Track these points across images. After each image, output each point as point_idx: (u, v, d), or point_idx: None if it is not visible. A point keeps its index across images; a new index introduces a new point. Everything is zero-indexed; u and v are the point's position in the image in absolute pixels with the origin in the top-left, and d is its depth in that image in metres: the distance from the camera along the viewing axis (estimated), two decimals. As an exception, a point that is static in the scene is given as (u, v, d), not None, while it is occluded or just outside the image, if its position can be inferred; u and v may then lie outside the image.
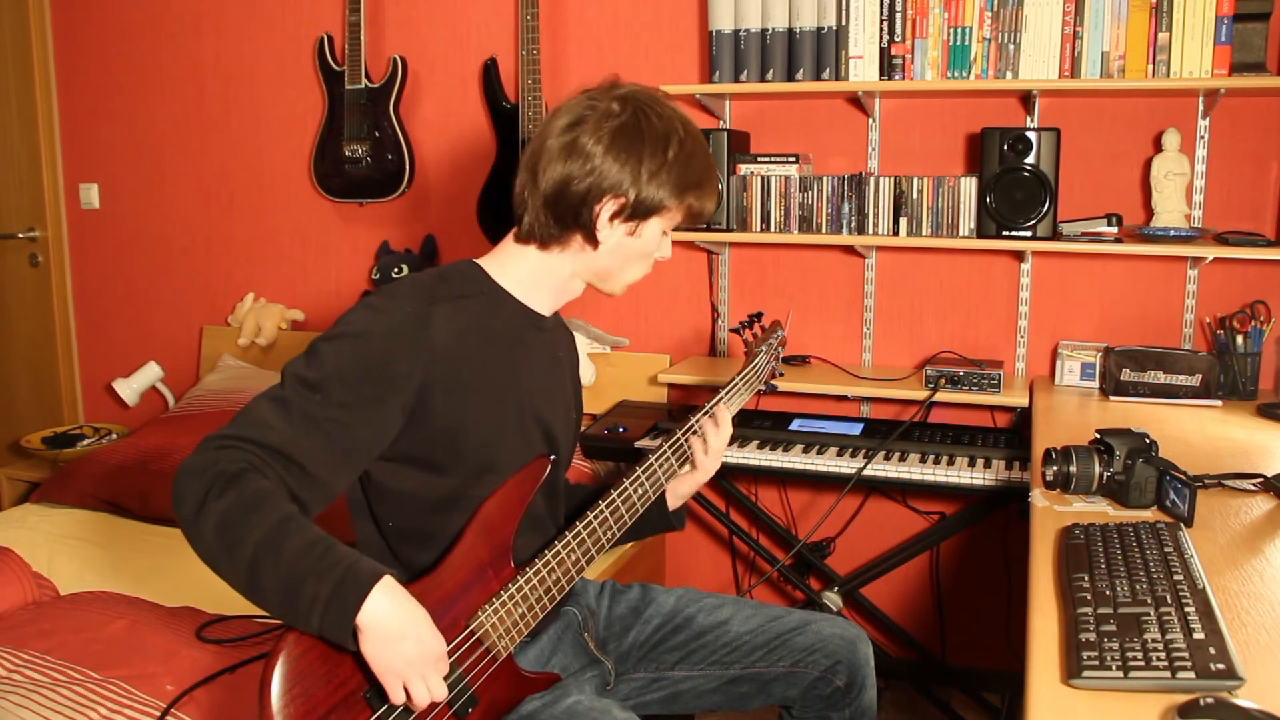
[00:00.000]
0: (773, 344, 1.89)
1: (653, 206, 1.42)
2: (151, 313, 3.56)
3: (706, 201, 1.47)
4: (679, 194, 1.43)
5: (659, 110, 1.42)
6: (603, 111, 1.40)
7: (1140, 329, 2.56)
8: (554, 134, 1.40)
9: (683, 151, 1.42)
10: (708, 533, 3.03)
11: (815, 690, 1.62)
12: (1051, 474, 1.57)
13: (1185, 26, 2.28)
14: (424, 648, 1.22)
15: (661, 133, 1.41)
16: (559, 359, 1.56)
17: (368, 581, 1.18)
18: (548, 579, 1.41)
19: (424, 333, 1.32)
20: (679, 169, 1.41)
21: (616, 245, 1.44)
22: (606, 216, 1.41)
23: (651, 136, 1.40)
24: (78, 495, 2.67)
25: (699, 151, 1.45)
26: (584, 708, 1.40)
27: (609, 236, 1.43)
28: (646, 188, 1.40)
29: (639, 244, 1.45)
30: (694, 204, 1.45)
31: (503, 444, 1.41)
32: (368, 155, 3.04)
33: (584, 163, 1.38)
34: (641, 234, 1.44)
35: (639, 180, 1.39)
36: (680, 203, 1.43)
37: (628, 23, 2.88)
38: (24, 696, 1.70)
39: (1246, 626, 1.14)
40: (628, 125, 1.39)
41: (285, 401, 1.26)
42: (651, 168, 1.40)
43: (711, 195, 1.48)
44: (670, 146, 1.41)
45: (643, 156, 1.39)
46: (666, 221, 1.46)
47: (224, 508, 1.18)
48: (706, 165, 1.46)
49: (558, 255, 1.45)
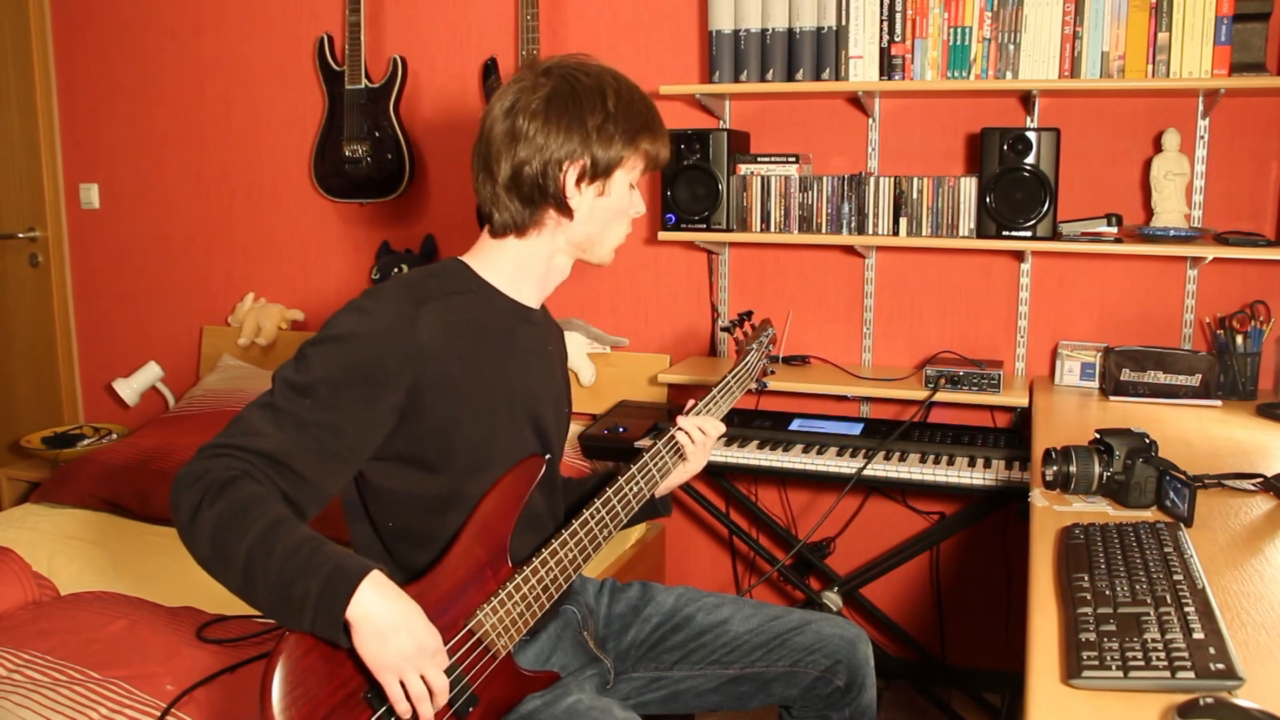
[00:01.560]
0: (763, 342, 1.89)
1: (611, 160, 1.43)
2: (151, 313, 3.56)
3: (660, 145, 1.48)
4: (631, 141, 1.43)
5: (585, 70, 1.43)
6: (530, 87, 1.41)
7: (1140, 329, 2.56)
8: (496, 124, 1.42)
9: (620, 100, 1.43)
10: (708, 533, 3.03)
11: (815, 690, 1.62)
12: (1051, 474, 1.57)
13: (1185, 26, 2.28)
14: (418, 640, 1.22)
15: (594, 88, 1.42)
16: (549, 352, 1.56)
17: (355, 576, 1.19)
18: (545, 577, 1.41)
19: (412, 333, 1.32)
20: (623, 118, 1.42)
21: (590, 209, 1.45)
22: (573, 183, 1.42)
23: (586, 95, 1.41)
24: (78, 495, 2.67)
25: (637, 97, 1.46)
26: (584, 707, 1.40)
27: (581, 202, 1.44)
28: (598, 145, 1.41)
29: (611, 202, 1.46)
30: (649, 148, 1.46)
31: (495, 440, 1.41)
32: (368, 155, 3.04)
33: (528, 144, 1.39)
34: (610, 191, 1.45)
35: (589, 140, 1.40)
36: (635, 149, 1.44)
37: (628, 23, 2.88)
38: (24, 696, 1.70)
39: (1246, 626, 1.14)
40: (559, 92, 1.40)
41: (275, 407, 1.27)
42: (596, 123, 1.40)
43: (663, 136, 1.48)
44: (607, 99, 1.42)
45: (584, 116, 1.40)
46: (630, 173, 1.46)
47: (217, 514, 1.19)
48: (649, 109, 1.47)
49: (536, 238, 1.46)
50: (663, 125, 1.49)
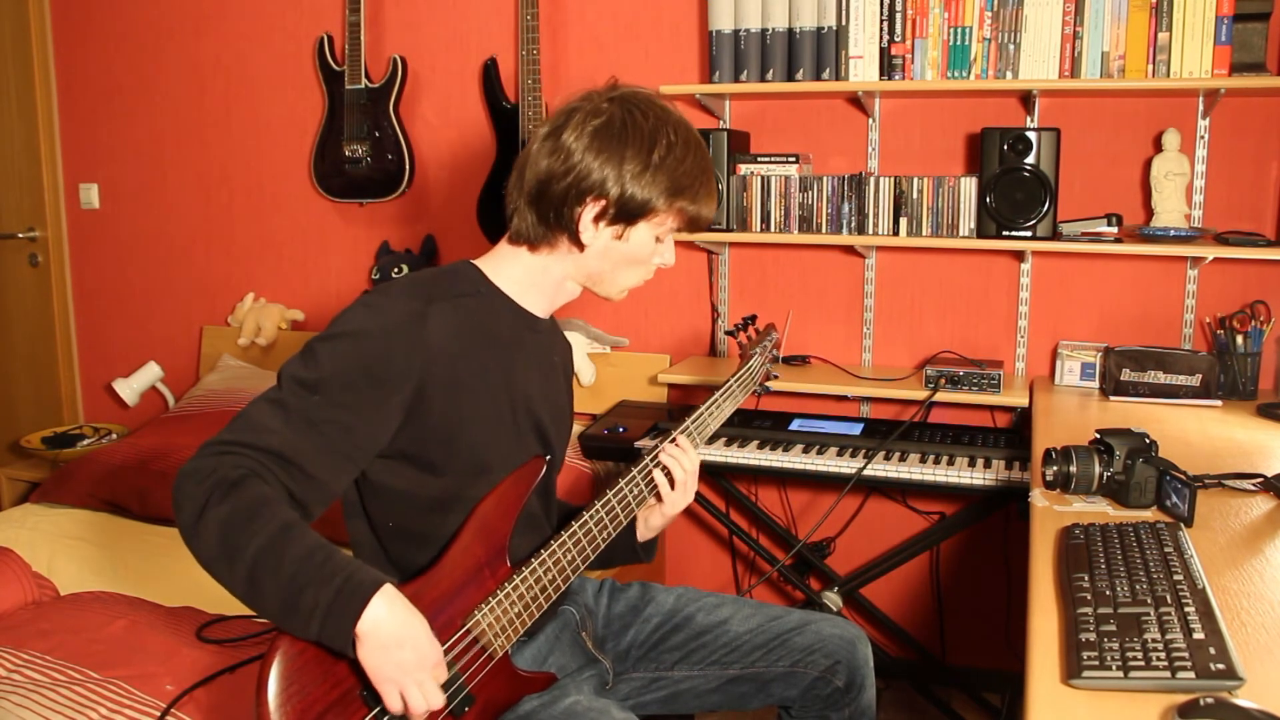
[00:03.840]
0: (766, 346, 1.89)
1: (638, 209, 1.37)
2: (151, 313, 3.56)
3: (702, 206, 1.41)
4: (667, 197, 1.37)
5: (650, 110, 1.38)
6: (590, 110, 1.37)
7: (1140, 329, 2.56)
8: (541, 134, 1.39)
9: (672, 153, 1.37)
10: (708, 533, 3.03)
11: (815, 690, 1.62)
12: (1051, 474, 1.57)
13: (1185, 26, 2.28)
14: (421, 655, 1.22)
15: (648, 132, 1.36)
16: (554, 362, 1.56)
17: (369, 589, 1.18)
18: (543, 578, 1.41)
19: (421, 331, 1.32)
20: (668, 171, 1.36)
21: (604, 249, 1.41)
22: (589, 218, 1.38)
23: (636, 136, 1.35)
24: (78, 495, 2.67)
25: (693, 153, 1.39)
26: (582, 708, 1.40)
27: (594, 239, 1.39)
28: (630, 189, 1.35)
29: (628, 249, 1.41)
30: (687, 208, 1.40)
31: (498, 444, 1.41)
32: (368, 155, 3.04)
33: (563, 160, 1.35)
34: (629, 239, 1.40)
35: (622, 180, 1.35)
36: (670, 206, 1.38)
37: (628, 23, 2.88)
38: (24, 696, 1.70)
39: (1246, 626, 1.14)
40: (612, 123, 1.36)
41: (283, 404, 1.26)
42: (635, 168, 1.35)
43: (708, 200, 1.42)
44: (657, 147, 1.36)
45: (625, 156, 1.35)
46: (658, 227, 1.41)
47: (224, 515, 1.18)
48: (701, 168, 1.40)
49: (547, 257, 1.43)
50: (713, 188, 1.42)
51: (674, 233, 1.44)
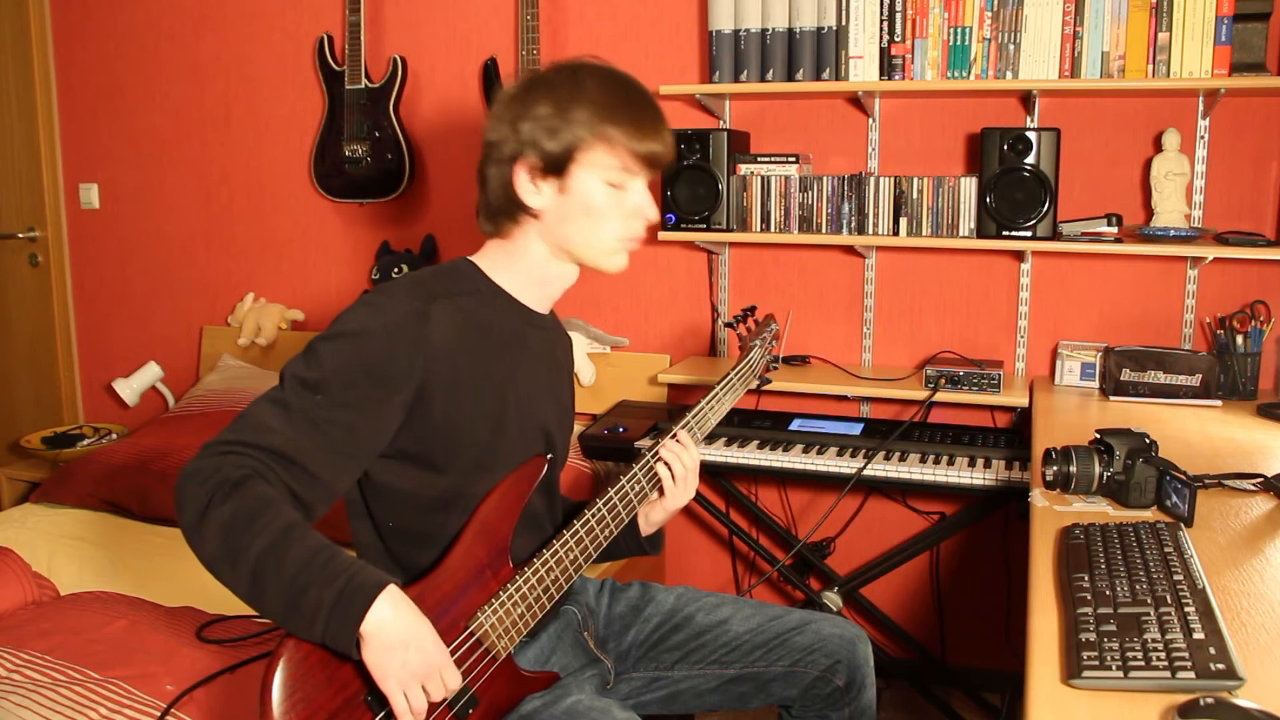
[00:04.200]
0: (766, 338, 1.87)
1: (564, 152, 1.34)
2: (151, 313, 3.56)
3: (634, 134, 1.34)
4: (589, 131, 1.33)
5: (567, 65, 1.37)
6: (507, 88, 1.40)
7: (1140, 329, 2.56)
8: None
9: (583, 91, 1.34)
10: (708, 533, 3.03)
11: (815, 690, 1.62)
12: (1051, 474, 1.57)
13: (1185, 26, 2.28)
14: (426, 657, 1.22)
15: (558, 81, 1.35)
16: (556, 359, 1.56)
17: (372, 590, 1.18)
18: (546, 578, 1.41)
19: (423, 329, 1.32)
20: (586, 105, 1.33)
21: (555, 207, 1.38)
22: (525, 181, 1.37)
23: (545, 87, 1.35)
24: (78, 495, 2.67)
25: (612, 86, 1.35)
26: (584, 707, 1.40)
27: (541, 200, 1.38)
28: (545, 136, 1.34)
29: (577, 200, 1.37)
30: (617, 136, 1.34)
31: (500, 442, 1.41)
32: (368, 155, 3.04)
33: (487, 138, 1.38)
34: (572, 189, 1.37)
35: (538, 132, 1.34)
36: (596, 140, 1.34)
37: (628, 23, 2.88)
38: (24, 696, 1.70)
39: (1246, 626, 1.14)
40: (520, 88, 1.37)
41: (285, 403, 1.26)
42: (546, 113, 1.34)
43: (641, 128, 1.35)
44: (567, 86, 1.34)
45: (537, 108, 1.34)
46: (600, 169, 1.36)
47: (227, 515, 1.18)
48: (625, 98, 1.35)
49: (517, 240, 1.43)
50: (646, 115, 1.36)
51: (629, 174, 1.38)
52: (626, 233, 1.43)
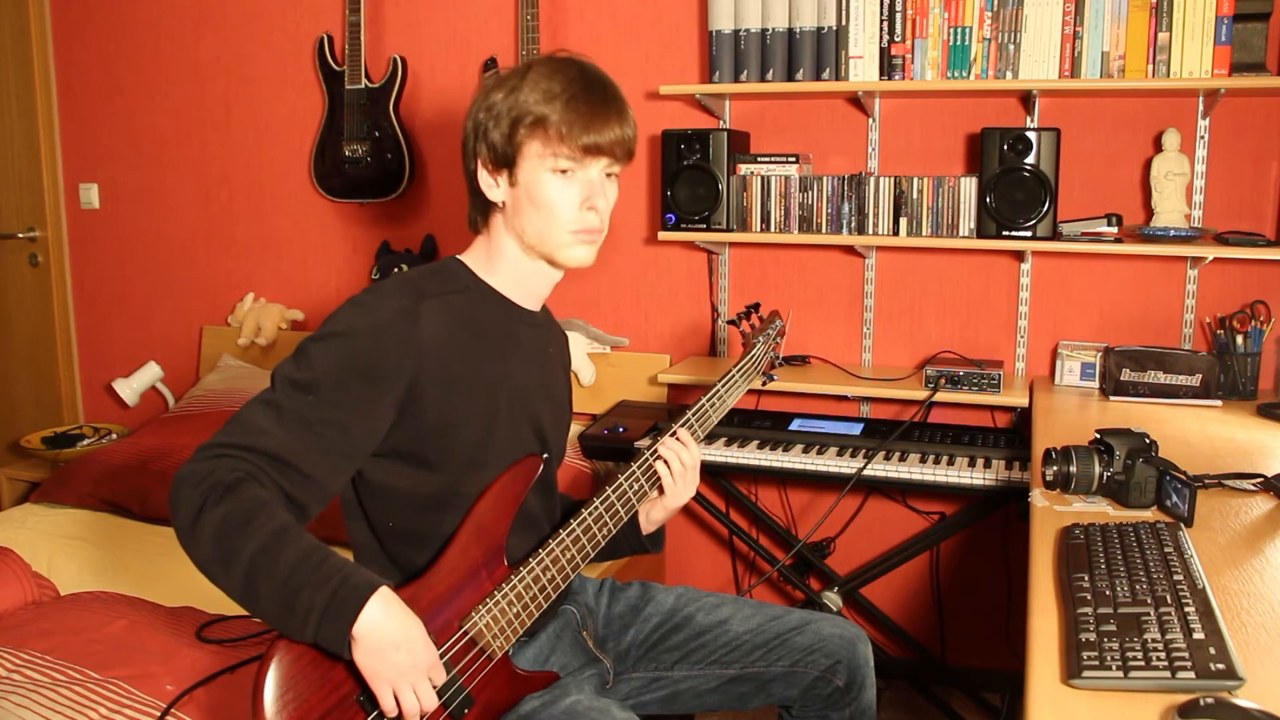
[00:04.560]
0: (770, 334, 1.86)
1: (506, 142, 1.36)
2: (151, 313, 3.56)
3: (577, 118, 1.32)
4: (527, 118, 1.33)
5: (522, 64, 1.40)
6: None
7: (1140, 329, 2.56)
8: None
9: (526, 80, 1.35)
10: (708, 533, 3.03)
11: (815, 690, 1.61)
12: (1051, 474, 1.57)
13: (1185, 26, 2.28)
14: (416, 658, 1.23)
15: (511, 72, 1.38)
16: (550, 354, 1.56)
17: (364, 592, 1.19)
18: (542, 578, 1.41)
19: (413, 328, 1.32)
20: (522, 94, 1.34)
21: (512, 201, 1.40)
22: (483, 175, 1.41)
23: (497, 83, 1.38)
24: (78, 495, 2.67)
25: (555, 72, 1.34)
26: (583, 707, 1.39)
27: (499, 194, 1.41)
28: (495, 126, 1.37)
29: (526, 192, 1.37)
30: (551, 121, 1.32)
31: (493, 440, 1.41)
32: (368, 155, 3.04)
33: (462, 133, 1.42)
34: (520, 180, 1.37)
35: (488, 123, 1.37)
36: (534, 126, 1.33)
37: (628, 23, 2.88)
38: (24, 696, 1.70)
39: (1246, 626, 1.14)
40: (487, 80, 1.40)
41: (276, 405, 1.27)
42: (490, 104, 1.37)
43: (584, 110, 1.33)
44: (514, 78, 1.36)
45: (488, 99, 1.38)
46: (544, 158, 1.35)
47: (220, 518, 1.18)
48: (568, 83, 1.34)
49: (494, 234, 1.46)
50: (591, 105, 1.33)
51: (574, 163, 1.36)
52: (579, 224, 1.39)
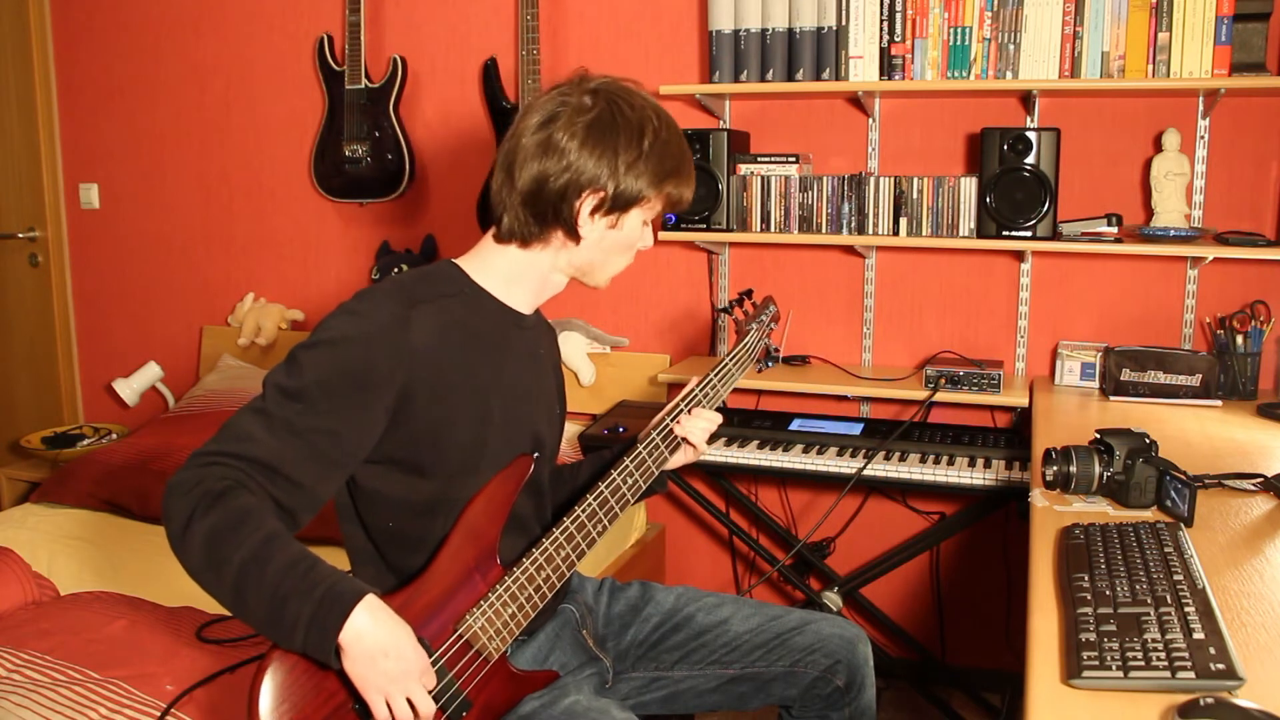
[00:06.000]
0: (764, 320, 1.85)
1: (632, 198, 1.41)
2: (151, 313, 3.56)
3: (685, 189, 1.47)
4: (657, 183, 1.42)
5: (632, 101, 1.41)
6: (575, 106, 1.39)
7: (1140, 329, 2.56)
8: (528, 132, 1.40)
9: (658, 140, 1.41)
10: (708, 533, 3.03)
11: (815, 690, 1.62)
12: (1051, 474, 1.57)
13: (1185, 26, 2.28)
14: (405, 664, 1.23)
15: (636, 123, 1.40)
16: (540, 356, 1.56)
17: (349, 601, 1.19)
18: (537, 577, 1.41)
19: (404, 335, 1.32)
20: (656, 158, 1.40)
21: (599, 239, 1.43)
22: (587, 211, 1.40)
23: (626, 128, 1.39)
24: (78, 495, 2.67)
25: (674, 139, 1.44)
26: (582, 708, 1.40)
27: (591, 231, 1.42)
28: (625, 179, 1.39)
29: (621, 236, 1.44)
30: (673, 192, 1.45)
31: (487, 444, 1.41)
32: (368, 155, 3.04)
33: (559, 159, 1.37)
34: (623, 226, 1.43)
35: (616, 173, 1.38)
36: (659, 191, 1.43)
37: (628, 23, 2.88)
38: (24, 696, 1.70)
39: (1246, 626, 1.14)
40: (602, 118, 1.38)
41: (267, 413, 1.27)
42: (628, 159, 1.39)
43: (689, 182, 1.47)
44: (645, 136, 1.40)
45: (618, 149, 1.38)
46: (647, 211, 1.45)
47: (209, 526, 1.18)
48: (683, 152, 1.45)
49: (539, 252, 1.45)
50: (692, 170, 1.48)
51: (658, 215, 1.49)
52: (632, 260, 1.52)
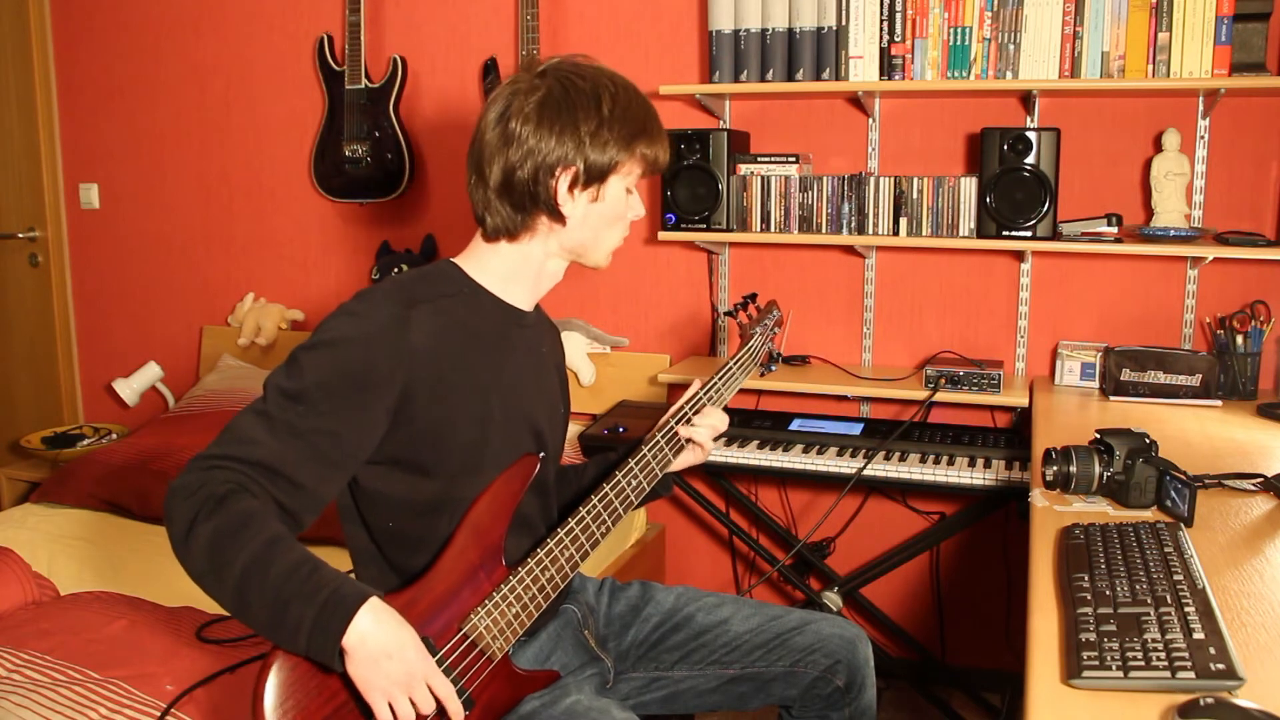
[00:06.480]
0: (768, 324, 1.86)
1: (605, 166, 1.40)
2: (151, 313, 3.56)
3: (658, 148, 1.44)
4: (627, 146, 1.40)
5: (582, 73, 1.40)
6: (524, 90, 1.38)
7: (1140, 329, 2.56)
8: (489, 128, 1.40)
9: (617, 105, 1.40)
10: (708, 533, 3.03)
11: (815, 690, 1.61)
12: (1051, 474, 1.57)
13: (1185, 26, 2.28)
14: (409, 666, 1.22)
15: (591, 93, 1.39)
16: (542, 354, 1.55)
17: (353, 604, 1.19)
18: (541, 577, 1.41)
19: (404, 335, 1.32)
20: (619, 122, 1.39)
21: (584, 215, 1.42)
22: (565, 189, 1.39)
23: (581, 100, 1.38)
24: (78, 495, 2.67)
25: (634, 101, 1.42)
26: (583, 708, 1.40)
27: (574, 209, 1.41)
28: (592, 150, 1.38)
29: (606, 208, 1.43)
30: (646, 152, 1.42)
31: (488, 444, 1.41)
32: (368, 155, 3.04)
33: (518, 147, 1.37)
34: (605, 196, 1.42)
35: (583, 145, 1.37)
36: (632, 155, 1.41)
37: (628, 23, 2.88)
38: (24, 696, 1.70)
39: (1246, 626, 1.14)
40: (553, 95, 1.37)
41: (268, 415, 1.26)
42: (590, 128, 1.37)
43: (661, 139, 1.45)
44: (604, 103, 1.38)
45: (578, 121, 1.37)
46: (626, 178, 1.43)
47: (212, 529, 1.18)
48: (646, 111, 1.43)
49: (529, 242, 1.44)
50: (661, 127, 1.46)
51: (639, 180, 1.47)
52: (627, 231, 1.50)
